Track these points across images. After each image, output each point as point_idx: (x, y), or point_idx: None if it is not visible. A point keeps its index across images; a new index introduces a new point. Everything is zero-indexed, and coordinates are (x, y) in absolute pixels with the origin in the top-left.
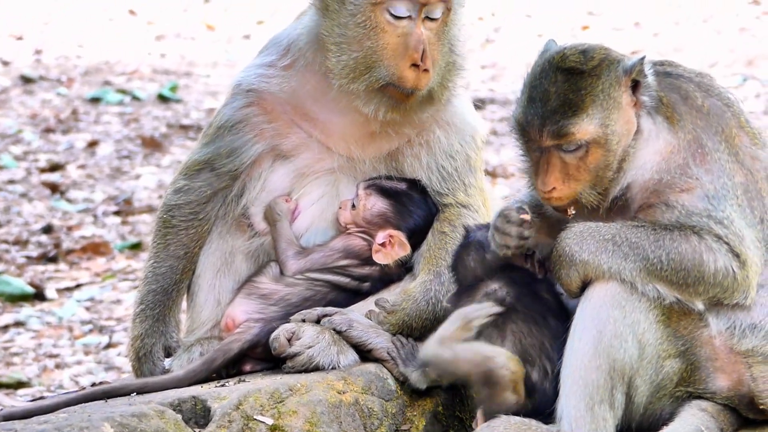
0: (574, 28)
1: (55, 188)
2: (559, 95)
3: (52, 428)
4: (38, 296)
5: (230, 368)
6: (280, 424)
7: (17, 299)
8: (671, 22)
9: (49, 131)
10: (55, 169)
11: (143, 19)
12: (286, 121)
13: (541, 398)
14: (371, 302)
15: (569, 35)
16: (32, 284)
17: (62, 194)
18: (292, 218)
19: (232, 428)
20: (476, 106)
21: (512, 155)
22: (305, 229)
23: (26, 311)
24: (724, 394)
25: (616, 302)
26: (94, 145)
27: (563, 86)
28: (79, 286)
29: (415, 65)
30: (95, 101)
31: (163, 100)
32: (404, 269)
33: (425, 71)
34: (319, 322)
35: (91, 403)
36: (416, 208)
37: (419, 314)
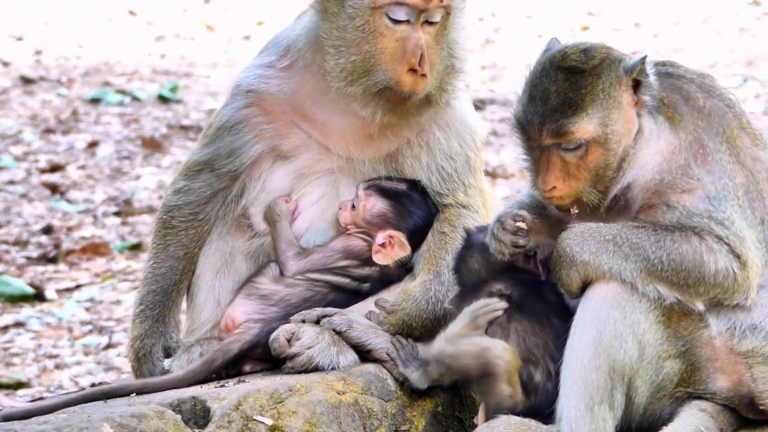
0: (573, 28)
1: (55, 189)
2: (559, 94)
3: (51, 429)
4: (38, 297)
5: (230, 369)
6: (279, 424)
7: (17, 300)
8: (671, 22)
9: (49, 132)
10: (55, 169)
11: (143, 19)
12: (285, 121)
13: (542, 398)
14: (371, 303)
15: (569, 36)
16: (32, 285)
17: (62, 195)
18: (291, 219)
19: (231, 429)
20: (476, 106)
21: (512, 156)
22: (305, 229)
23: (26, 312)
24: (724, 394)
25: (616, 303)
26: (94, 145)
27: (563, 85)
28: (78, 286)
29: (412, 70)
30: (95, 102)
31: (163, 100)
32: (404, 270)
33: (423, 76)
34: (318, 322)
35: (90, 403)
36: (416, 208)
37: (419, 314)
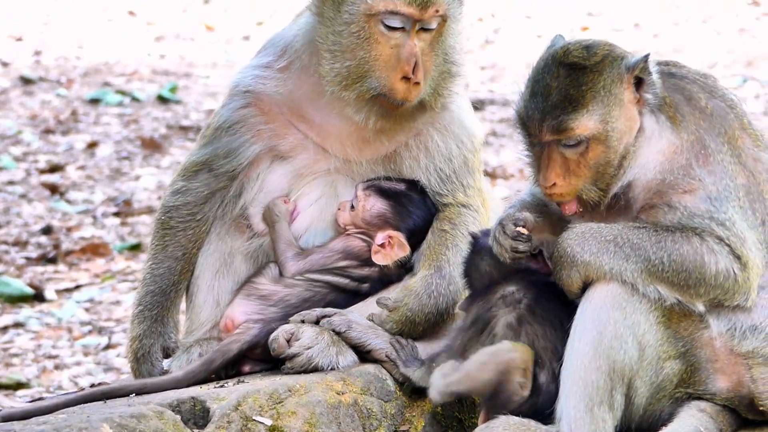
0: (573, 29)
1: (54, 189)
2: (560, 90)
3: (51, 429)
4: (37, 297)
5: (229, 369)
6: (279, 424)
7: (17, 300)
8: (671, 22)
9: (48, 132)
10: (54, 170)
11: (143, 19)
12: (283, 122)
13: (545, 399)
14: (371, 303)
15: (569, 36)
16: (32, 285)
17: (62, 195)
18: (290, 219)
19: (231, 429)
20: (475, 107)
21: (512, 156)
22: (304, 230)
23: (25, 312)
24: (723, 395)
25: (616, 303)
26: (93, 146)
27: (565, 81)
28: (78, 287)
29: (406, 78)
30: (95, 102)
31: (162, 101)
32: (404, 270)
33: (416, 84)
34: (318, 323)
35: (90, 403)
36: (415, 208)
37: (422, 308)
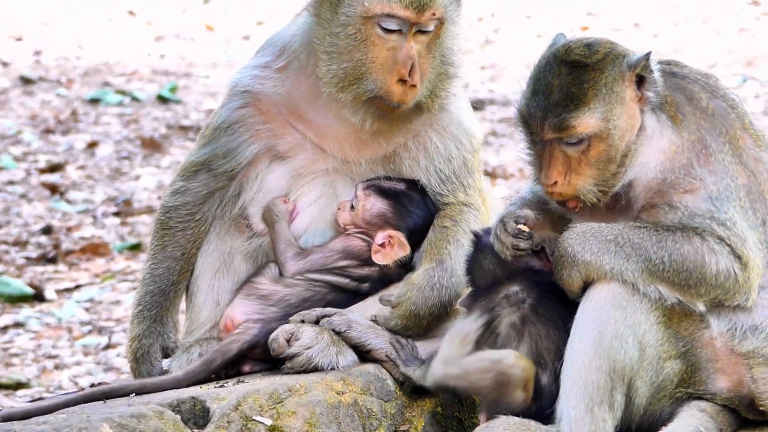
0: (573, 28)
1: (54, 189)
2: (562, 88)
3: (51, 429)
4: (37, 297)
5: (229, 369)
6: (278, 424)
7: (16, 300)
8: (671, 22)
9: (48, 132)
10: (54, 170)
11: (142, 19)
12: (281, 122)
13: (546, 400)
14: (370, 303)
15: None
16: (32, 285)
17: (62, 195)
18: (290, 219)
19: (231, 429)
20: (475, 107)
21: (512, 156)
22: (304, 229)
23: (25, 312)
24: (724, 395)
25: (617, 303)
26: (93, 146)
27: (566, 79)
28: (78, 287)
29: (402, 80)
30: (95, 102)
31: (162, 101)
32: (404, 270)
33: (412, 86)
34: (318, 322)
35: (90, 403)
36: (415, 208)
37: (425, 301)
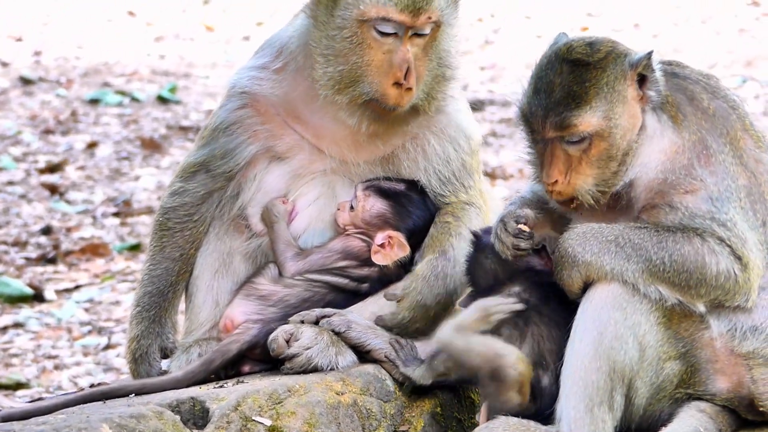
0: (573, 29)
1: (54, 189)
2: (563, 86)
3: (50, 429)
4: (37, 297)
5: (229, 369)
6: (278, 425)
7: (16, 300)
8: (670, 23)
9: (48, 132)
10: (54, 170)
11: (142, 20)
12: (279, 122)
13: (547, 401)
14: (370, 303)
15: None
16: (31, 285)
17: (61, 195)
18: (289, 219)
19: (230, 429)
20: (475, 107)
21: (511, 156)
22: (303, 230)
23: (25, 312)
24: (723, 395)
25: (617, 304)
26: (93, 146)
27: (568, 78)
28: (78, 287)
29: (398, 83)
30: (94, 102)
31: (162, 101)
32: (403, 270)
33: (408, 90)
34: (317, 323)
35: (89, 404)
36: (415, 208)
37: (431, 290)
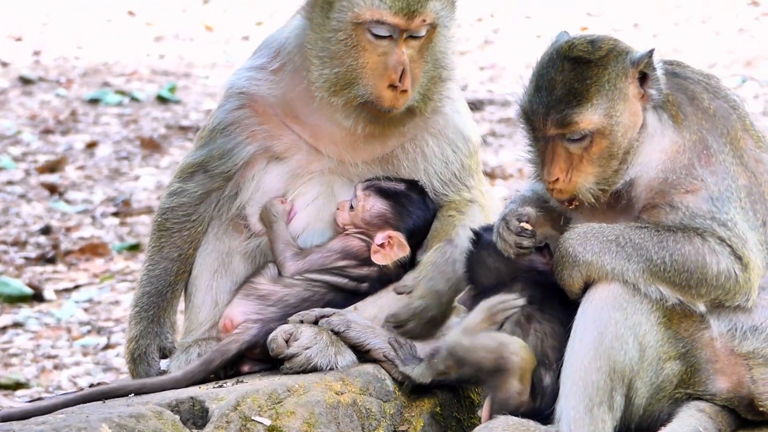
0: (573, 29)
1: (53, 189)
2: (564, 84)
3: (50, 429)
4: (37, 297)
5: (228, 369)
6: (278, 424)
7: (16, 300)
8: (670, 23)
9: (48, 132)
10: (53, 170)
11: (142, 20)
12: (277, 123)
13: (547, 400)
14: (370, 303)
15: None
16: (31, 285)
17: (61, 195)
18: (288, 219)
19: (230, 429)
20: (475, 107)
21: (511, 156)
22: (302, 230)
23: (25, 312)
24: (723, 395)
25: (617, 304)
26: (93, 146)
27: (569, 75)
28: (77, 287)
29: (393, 86)
30: (94, 102)
31: (161, 101)
32: (403, 270)
33: (403, 92)
34: (317, 323)
35: (89, 403)
36: (415, 208)
37: (442, 275)
